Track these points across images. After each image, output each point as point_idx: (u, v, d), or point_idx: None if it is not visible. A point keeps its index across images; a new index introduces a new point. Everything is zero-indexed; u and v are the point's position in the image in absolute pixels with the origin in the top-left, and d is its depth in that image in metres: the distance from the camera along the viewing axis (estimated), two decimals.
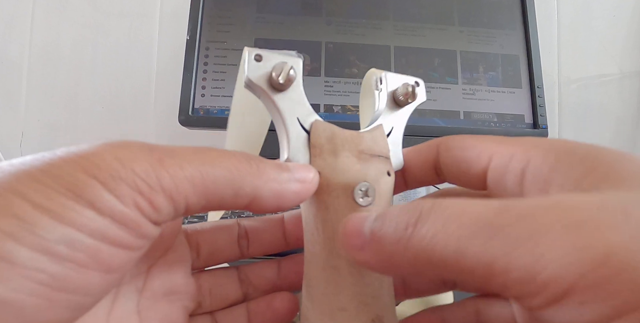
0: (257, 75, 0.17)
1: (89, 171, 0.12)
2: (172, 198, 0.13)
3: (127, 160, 0.12)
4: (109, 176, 0.12)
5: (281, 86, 0.17)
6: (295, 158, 0.17)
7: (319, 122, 0.18)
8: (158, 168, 0.12)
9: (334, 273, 0.16)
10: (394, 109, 0.20)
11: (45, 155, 0.12)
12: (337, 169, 0.17)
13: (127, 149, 0.13)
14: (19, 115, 0.69)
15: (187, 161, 0.13)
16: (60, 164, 0.12)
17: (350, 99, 0.53)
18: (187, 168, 0.13)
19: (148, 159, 0.12)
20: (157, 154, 0.13)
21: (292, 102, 0.17)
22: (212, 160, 0.14)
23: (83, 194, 0.11)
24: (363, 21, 0.55)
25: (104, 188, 0.12)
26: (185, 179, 0.13)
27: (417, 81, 0.20)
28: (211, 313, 0.19)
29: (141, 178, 0.12)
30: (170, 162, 0.13)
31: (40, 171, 0.11)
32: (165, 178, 0.12)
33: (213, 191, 0.13)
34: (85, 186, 0.11)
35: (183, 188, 0.13)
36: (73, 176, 0.11)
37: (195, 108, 0.51)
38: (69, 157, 0.12)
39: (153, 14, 0.71)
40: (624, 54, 0.77)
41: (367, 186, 0.17)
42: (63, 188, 0.11)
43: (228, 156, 0.14)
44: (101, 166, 0.12)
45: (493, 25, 0.57)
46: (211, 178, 0.13)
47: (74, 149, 0.12)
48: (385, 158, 0.18)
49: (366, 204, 0.16)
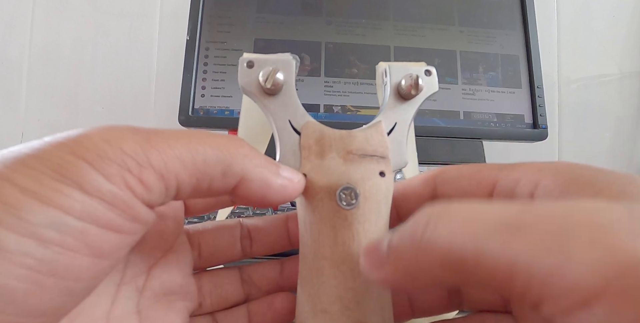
0: (247, 81, 0.17)
1: (76, 152, 0.11)
2: (162, 176, 0.12)
3: (115, 140, 0.12)
4: (96, 156, 0.11)
5: (271, 91, 0.17)
6: (286, 160, 0.17)
7: (310, 123, 0.17)
8: (146, 147, 0.12)
9: (318, 274, 0.16)
10: (399, 104, 0.19)
11: (35, 142, 0.12)
12: (322, 172, 0.17)
13: (115, 130, 0.13)
14: (19, 115, 0.69)
15: (176, 140, 0.13)
16: (48, 148, 0.12)
17: (350, 99, 0.53)
18: (176, 146, 0.13)
19: (136, 138, 0.12)
20: (144, 134, 0.13)
21: (283, 105, 0.17)
22: (202, 139, 0.14)
23: (71, 176, 0.11)
24: (363, 21, 0.55)
25: (92, 168, 0.11)
26: (175, 156, 0.13)
27: (428, 69, 0.19)
28: (212, 314, 0.19)
29: (130, 156, 0.12)
30: (158, 141, 0.13)
31: (29, 156, 0.11)
32: (154, 155, 0.12)
33: (203, 169, 0.13)
34: (73, 166, 0.11)
35: (173, 166, 0.13)
36: (61, 158, 0.11)
37: (195, 108, 0.51)
38: (57, 141, 0.12)
39: (153, 14, 0.71)
40: (624, 54, 0.77)
41: (349, 188, 0.16)
42: (51, 171, 0.11)
43: (218, 137, 0.14)
44: (89, 147, 0.12)
45: (493, 26, 0.57)
46: (201, 156, 0.13)
47: (63, 134, 0.12)
48: (380, 157, 0.17)
49: (350, 207, 0.16)
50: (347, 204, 0.16)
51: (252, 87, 0.17)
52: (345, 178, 0.16)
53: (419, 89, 0.18)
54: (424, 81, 0.18)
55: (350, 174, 0.17)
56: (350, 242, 0.16)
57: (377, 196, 0.17)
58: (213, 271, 0.20)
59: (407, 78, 0.18)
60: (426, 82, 0.19)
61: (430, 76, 0.19)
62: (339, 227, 0.16)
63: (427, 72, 0.19)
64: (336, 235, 0.16)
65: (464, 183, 0.16)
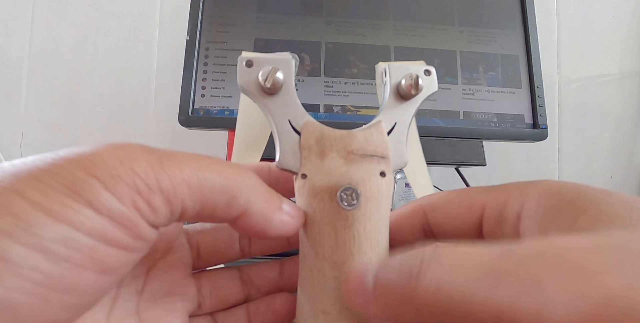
0: (247, 80, 0.17)
1: (88, 169, 0.12)
2: (169, 200, 0.13)
3: (126, 159, 0.12)
4: (108, 175, 0.12)
5: (270, 90, 0.17)
6: (286, 160, 0.17)
7: (310, 123, 0.17)
8: (157, 169, 0.12)
9: (318, 275, 0.16)
10: (399, 103, 0.19)
11: (47, 155, 0.12)
12: (322, 172, 0.17)
13: (127, 149, 0.13)
14: (19, 115, 0.69)
15: (186, 164, 0.13)
16: (60, 163, 0.12)
17: (350, 99, 0.53)
18: (186, 170, 0.13)
19: (147, 159, 0.12)
20: (156, 155, 0.13)
21: (283, 105, 0.17)
22: (211, 166, 0.14)
23: (82, 193, 0.11)
24: (363, 21, 0.55)
25: (103, 187, 0.11)
26: (184, 181, 0.13)
27: (428, 69, 0.19)
28: (211, 314, 0.19)
29: (140, 177, 0.12)
30: (169, 163, 0.13)
31: (41, 170, 0.11)
32: (164, 179, 0.12)
33: (208, 197, 0.14)
34: (85, 184, 0.11)
35: (180, 191, 0.13)
36: (72, 174, 0.11)
37: (195, 108, 0.51)
38: (69, 156, 0.12)
39: (153, 14, 0.71)
40: (624, 54, 0.77)
41: (350, 189, 0.16)
42: (62, 186, 0.11)
43: (228, 165, 0.14)
44: (101, 165, 0.12)
45: (493, 26, 0.57)
46: (208, 184, 0.13)
47: (76, 150, 0.12)
48: (380, 157, 0.17)
49: (351, 208, 0.16)
50: (348, 204, 0.16)
51: (251, 86, 0.17)
52: (346, 178, 0.16)
53: (419, 88, 0.18)
54: (424, 81, 0.18)
55: (351, 175, 0.16)
56: (351, 243, 0.16)
57: (378, 197, 0.17)
58: (212, 272, 0.20)
59: (407, 78, 0.18)
60: (426, 81, 0.19)
61: (430, 76, 0.19)
62: (339, 228, 0.16)
63: (426, 72, 0.19)
64: (337, 236, 0.16)
65: (453, 209, 0.17)
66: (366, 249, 0.16)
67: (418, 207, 0.18)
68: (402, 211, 0.18)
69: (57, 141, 0.69)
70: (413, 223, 0.18)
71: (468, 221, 0.16)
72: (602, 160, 0.75)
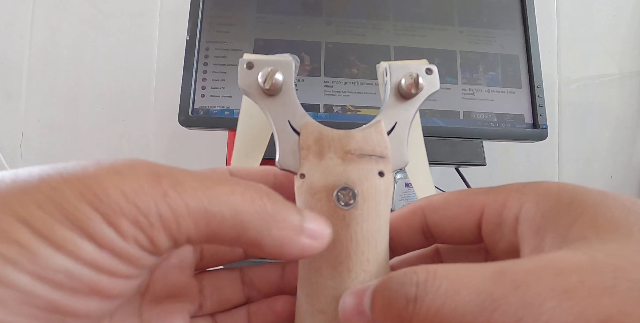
0: (247, 82, 0.18)
1: (92, 202, 0.11)
2: (173, 236, 0.13)
3: (131, 193, 0.12)
4: (111, 210, 0.12)
5: (270, 91, 0.17)
6: (286, 160, 0.17)
7: (309, 123, 0.18)
8: (161, 204, 0.12)
9: (316, 275, 0.16)
10: (400, 103, 0.18)
11: (44, 173, 0.12)
12: (320, 172, 0.17)
13: (133, 177, 0.12)
14: (19, 115, 0.69)
15: (194, 194, 0.13)
16: (63, 190, 0.11)
17: (350, 99, 0.53)
18: (192, 203, 0.12)
19: (153, 192, 0.12)
20: (164, 185, 0.12)
21: (283, 106, 0.18)
22: (221, 196, 0.13)
23: (84, 227, 0.11)
24: (363, 21, 0.55)
25: (105, 223, 0.12)
26: (190, 217, 0.12)
27: (429, 67, 0.19)
28: (212, 315, 0.19)
29: (143, 214, 0.12)
30: (175, 197, 0.12)
31: (43, 195, 0.11)
32: (168, 217, 0.12)
33: (216, 231, 0.13)
34: (88, 219, 0.11)
35: (185, 227, 0.13)
36: (76, 206, 0.11)
37: (195, 108, 0.51)
38: (71, 183, 0.12)
39: (153, 14, 0.71)
40: (624, 54, 0.77)
41: (347, 188, 0.16)
42: (65, 219, 0.11)
43: (239, 193, 0.13)
44: (104, 199, 0.12)
45: (493, 26, 0.57)
46: (216, 219, 0.13)
47: (77, 171, 0.12)
48: (379, 157, 0.17)
49: (347, 207, 0.16)
50: (345, 204, 0.16)
51: (251, 88, 0.18)
52: (343, 178, 0.16)
53: (419, 87, 0.18)
54: (425, 80, 0.18)
55: (348, 175, 0.17)
56: (348, 243, 0.16)
57: (376, 197, 0.17)
58: (214, 273, 0.20)
59: (407, 77, 0.18)
60: (427, 80, 0.18)
61: (432, 75, 0.19)
62: (336, 227, 0.16)
63: (428, 70, 0.19)
64: (334, 236, 0.16)
65: (453, 210, 0.17)
66: (363, 249, 0.16)
67: (417, 208, 0.18)
68: (401, 213, 0.18)
69: (57, 141, 0.69)
70: (412, 224, 0.18)
71: (467, 223, 0.16)
72: (602, 160, 0.75)
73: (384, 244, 0.17)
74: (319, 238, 0.15)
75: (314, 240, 0.15)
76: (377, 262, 0.16)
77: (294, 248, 0.14)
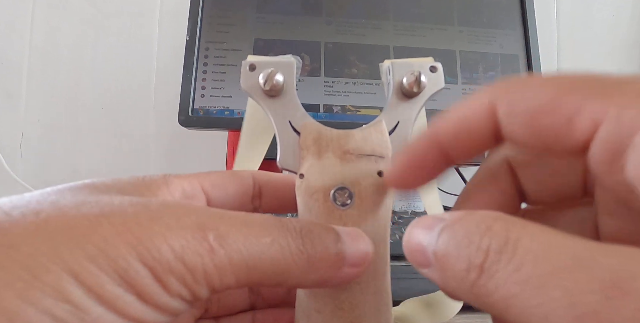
0: (249, 84, 0.18)
1: (143, 258, 0.11)
2: (214, 288, 0.13)
3: (179, 249, 0.12)
4: (160, 266, 0.12)
5: (271, 92, 0.18)
6: (286, 160, 0.17)
7: (308, 123, 0.18)
8: (207, 261, 0.12)
9: None
10: (402, 102, 0.18)
11: (91, 215, 0.12)
12: (318, 171, 0.17)
13: (181, 232, 0.12)
14: (19, 115, 0.69)
15: (238, 251, 0.13)
16: (115, 243, 0.11)
17: (350, 99, 0.53)
18: (236, 260, 0.13)
19: (199, 249, 0.12)
20: (209, 239, 0.12)
21: (284, 107, 0.18)
22: (262, 248, 0.13)
23: (134, 284, 0.11)
24: (363, 21, 0.55)
25: (154, 279, 0.12)
26: (232, 273, 0.13)
27: (434, 65, 0.18)
28: (216, 318, 0.19)
29: (190, 271, 0.12)
30: (220, 253, 0.12)
31: (95, 247, 0.11)
32: (212, 273, 0.12)
33: (255, 282, 0.13)
34: (138, 276, 0.11)
35: (227, 280, 0.13)
36: (128, 262, 0.11)
37: (195, 108, 0.51)
38: (123, 235, 0.11)
39: (153, 14, 0.71)
40: (624, 54, 0.77)
41: (344, 188, 0.16)
42: (116, 274, 0.11)
43: (278, 243, 0.13)
44: (155, 255, 0.12)
45: (493, 25, 0.57)
46: (257, 273, 0.13)
47: (127, 219, 0.12)
48: (378, 157, 0.17)
49: (344, 207, 0.16)
50: (341, 204, 0.16)
51: (253, 89, 0.18)
52: (340, 178, 0.17)
53: (422, 86, 0.18)
54: (428, 78, 0.18)
55: (345, 175, 0.17)
56: None
57: (374, 197, 0.17)
58: None
59: (409, 75, 0.18)
60: (430, 78, 0.18)
61: (436, 73, 0.18)
62: None
63: (432, 68, 0.18)
64: None
65: (544, 119, 0.11)
66: None
67: (482, 105, 0.13)
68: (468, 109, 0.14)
69: (57, 141, 0.69)
70: (480, 128, 0.13)
71: (567, 141, 0.11)
72: None
73: (385, 244, 0.17)
74: (360, 264, 0.14)
75: (355, 267, 0.14)
76: (376, 262, 0.16)
77: (335, 281, 0.14)
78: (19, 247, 0.11)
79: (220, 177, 0.18)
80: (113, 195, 0.13)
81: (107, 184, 0.14)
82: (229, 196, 0.18)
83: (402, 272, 0.29)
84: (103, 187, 0.14)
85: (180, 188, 0.16)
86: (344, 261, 0.14)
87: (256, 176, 0.19)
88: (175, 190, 0.16)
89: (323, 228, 0.14)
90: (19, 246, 0.11)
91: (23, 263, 0.10)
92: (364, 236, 0.15)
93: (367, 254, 0.15)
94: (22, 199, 0.12)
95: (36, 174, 0.68)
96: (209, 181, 0.17)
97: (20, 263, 0.10)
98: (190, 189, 0.16)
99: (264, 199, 0.19)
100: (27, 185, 0.65)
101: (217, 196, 0.17)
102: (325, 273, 0.14)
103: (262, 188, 0.19)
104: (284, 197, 0.19)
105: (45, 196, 0.13)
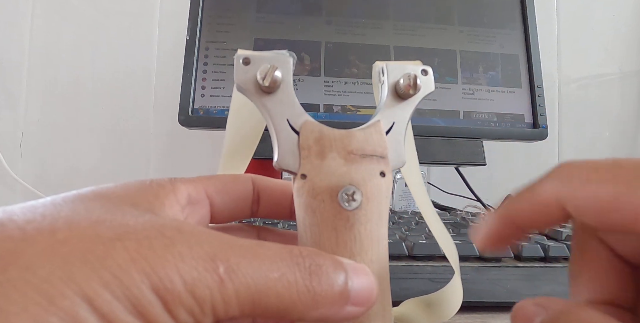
0: (244, 79, 0.17)
1: (156, 287, 0.12)
2: (218, 318, 0.13)
3: (190, 281, 0.12)
4: (171, 297, 0.12)
5: (268, 89, 0.17)
6: (285, 161, 0.17)
7: (309, 123, 0.17)
8: (216, 295, 0.12)
9: None
10: (397, 103, 0.18)
11: (106, 238, 0.12)
12: (323, 172, 0.16)
13: (193, 262, 0.12)
14: (19, 115, 0.69)
15: (246, 284, 0.13)
16: (129, 271, 0.11)
17: (350, 99, 0.53)
18: (243, 294, 0.13)
19: (209, 281, 0.12)
20: (220, 271, 0.13)
21: (281, 104, 0.17)
22: (269, 283, 0.13)
23: (145, 313, 0.11)
24: (363, 21, 0.55)
25: (164, 309, 0.12)
26: (238, 305, 0.13)
27: (425, 69, 0.19)
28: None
29: (199, 304, 0.12)
30: (229, 286, 0.13)
31: (109, 274, 0.11)
32: (219, 306, 0.13)
33: (259, 314, 0.13)
34: (150, 305, 0.11)
35: (232, 312, 0.13)
36: (141, 291, 0.11)
37: (195, 108, 0.51)
38: (138, 262, 0.12)
39: (153, 14, 0.71)
40: (624, 53, 0.77)
41: (352, 189, 0.16)
42: (129, 302, 0.11)
43: (286, 279, 0.13)
44: (168, 285, 0.12)
45: (493, 25, 0.57)
46: (262, 306, 0.13)
47: (140, 244, 0.12)
48: (379, 157, 0.17)
49: (352, 208, 0.16)
50: (349, 205, 0.16)
51: (248, 85, 0.17)
52: (347, 178, 0.16)
53: (417, 88, 0.18)
54: (421, 81, 0.18)
55: (352, 175, 0.16)
56: (352, 243, 0.16)
57: (379, 197, 0.17)
58: None
59: (405, 78, 0.18)
60: (423, 81, 0.18)
61: (427, 76, 0.19)
62: (340, 228, 0.16)
63: (423, 71, 0.19)
64: (337, 237, 0.16)
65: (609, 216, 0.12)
66: (367, 249, 0.16)
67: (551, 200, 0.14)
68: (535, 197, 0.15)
69: (57, 141, 0.69)
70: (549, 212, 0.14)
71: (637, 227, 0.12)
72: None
73: (385, 243, 0.17)
74: (364, 304, 0.14)
75: (359, 306, 0.14)
76: (379, 262, 0.16)
77: (337, 318, 0.14)
78: (35, 270, 0.10)
79: (223, 182, 0.18)
80: (126, 209, 0.14)
81: (118, 194, 0.14)
82: (231, 201, 0.18)
83: (402, 272, 0.29)
84: (115, 198, 0.14)
85: (186, 194, 0.16)
86: (348, 300, 0.14)
87: (255, 181, 0.19)
88: (182, 196, 0.16)
89: (332, 264, 0.14)
90: (35, 269, 0.10)
91: (39, 287, 0.10)
92: (370, 274, 0.15)
93: (372, 290, 0.15)
94: (34, 212, 0.12)
95: (36, 174, 0.68)
96: (213, 186, 0.18)
97: (36, 286, 0.10)
98: (195, 194, 0.17)
99: (262, 205, 0.19)
100: (27, 185, 0.65)
101: (220, 201, 0.18)
102: (329, 311, 0.14)
103: (261, 193, 0.19)
104: (280, 203, 0.19)
105: (59, 208, 0.13)
